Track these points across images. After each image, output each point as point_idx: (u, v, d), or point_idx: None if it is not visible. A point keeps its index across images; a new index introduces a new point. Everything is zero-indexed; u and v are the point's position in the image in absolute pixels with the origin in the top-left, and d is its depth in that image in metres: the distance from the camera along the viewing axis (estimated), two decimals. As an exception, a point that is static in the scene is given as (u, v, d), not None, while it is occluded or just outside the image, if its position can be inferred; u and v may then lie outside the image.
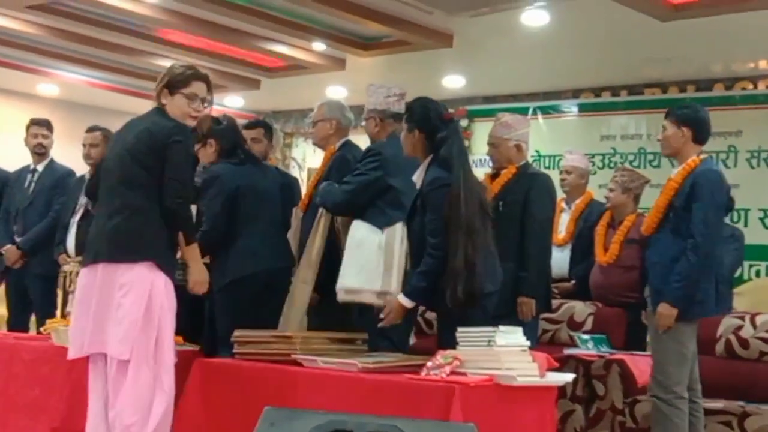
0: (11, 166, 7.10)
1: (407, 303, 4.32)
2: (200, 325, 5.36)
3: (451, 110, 4.68)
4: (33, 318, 6.67)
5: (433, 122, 4.42)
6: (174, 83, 4.28)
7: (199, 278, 4.36)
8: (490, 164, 5.45)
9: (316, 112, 5.48)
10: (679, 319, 4.60)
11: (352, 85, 9.10)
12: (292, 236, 5.38)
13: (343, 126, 5.43)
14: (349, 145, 5.40)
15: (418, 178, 4.45)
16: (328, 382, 3.90)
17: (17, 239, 6.64)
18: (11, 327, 6.54)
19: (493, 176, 5.29)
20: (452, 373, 3.73)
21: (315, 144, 5.63)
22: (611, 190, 6.18)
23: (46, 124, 6.89)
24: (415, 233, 4.44)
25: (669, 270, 4.61)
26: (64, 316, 5.15)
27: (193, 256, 4.29)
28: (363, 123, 5.26)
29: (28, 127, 6.87)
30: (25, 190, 6.72)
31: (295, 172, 11.07)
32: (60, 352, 4.76)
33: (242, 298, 4.95)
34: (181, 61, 9.16)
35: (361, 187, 4.83)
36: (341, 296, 4.70)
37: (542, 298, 5.11)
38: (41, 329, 5.20)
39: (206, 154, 5.33)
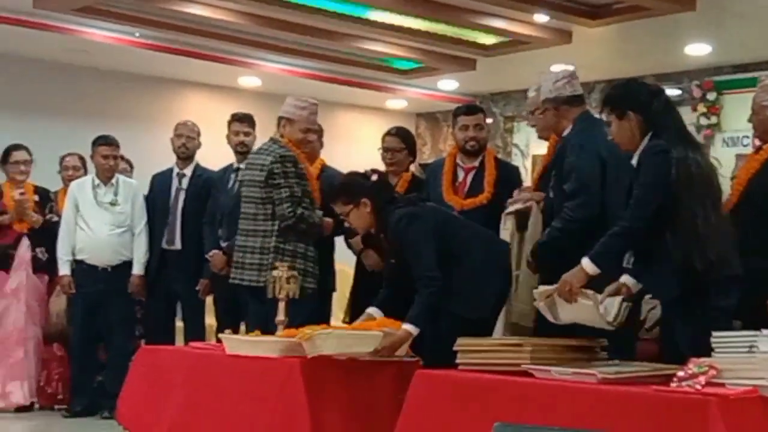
0: (216, 164, 7.44)
1: (591, 269, 4.25)
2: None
3: (696, 83, 4.60)
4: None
5: (642, 98, 4.38)
6: None
7: None
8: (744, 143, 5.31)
9: (535, 96, 5.46)
10: None
11: (579, 60, 8.98)
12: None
13: None
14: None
15: (636, 160, 4.39)
16: (563, 395, 3.87)
17: (223, 244, 6.94)
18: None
19: (757, 152, 5.12)
20: (708, 384, 3.64)
21: (541, 135, 5.61)
22: None
23: (248, 120, 7.14)
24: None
25: None
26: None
27: None
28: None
29: (229, 124, 7.15)
30: (229, 192, 7.00)
31: (517, 160, 11.05)
32: (273, 366, 4.97)
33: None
34: (389, 43, 9.40)
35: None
36: None
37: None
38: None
39: (360, 215, 5.25)
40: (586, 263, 4.27)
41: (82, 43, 9.01)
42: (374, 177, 5.30)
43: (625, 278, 4.29)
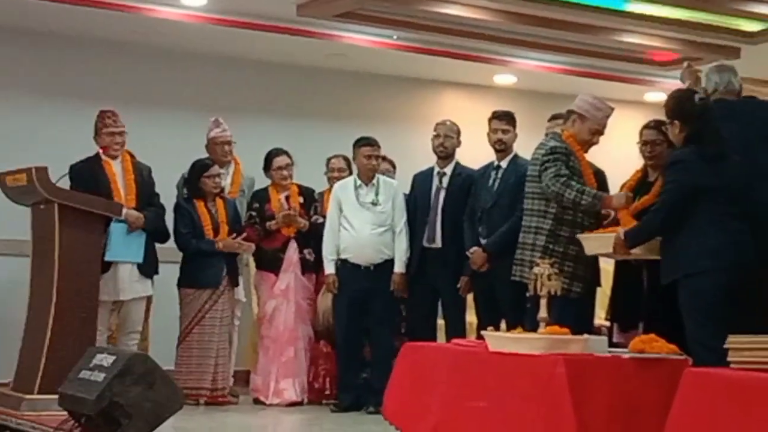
0: (473, 162, 7.50)
1: None
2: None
3: None
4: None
5: None
6: None
7: None
8: None
9: None
10: None
11: None
12: None
13: None
14: None
15: None
16: None
17: (483, 241, 6.98)
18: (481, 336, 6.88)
19: None
20: None
21: None
22: None
23: (508, 118, 7.16)
24: None
25: None
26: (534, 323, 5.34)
27: None
28: None
29: (489, 121, 7.20)
30: (489, 189, 7.05)
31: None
32: (536, 363, 4.94)
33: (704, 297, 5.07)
34: (647, 34, 9.19)
35: None
36: None
37: None
38: None
39: (673, 134, 5.43)
40: None
41: (341, 48, 9.25)
42: (698, 102, 5.39)
43: None
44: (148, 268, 7.48)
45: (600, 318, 7.17)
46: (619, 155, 7.29)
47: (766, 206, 5.33)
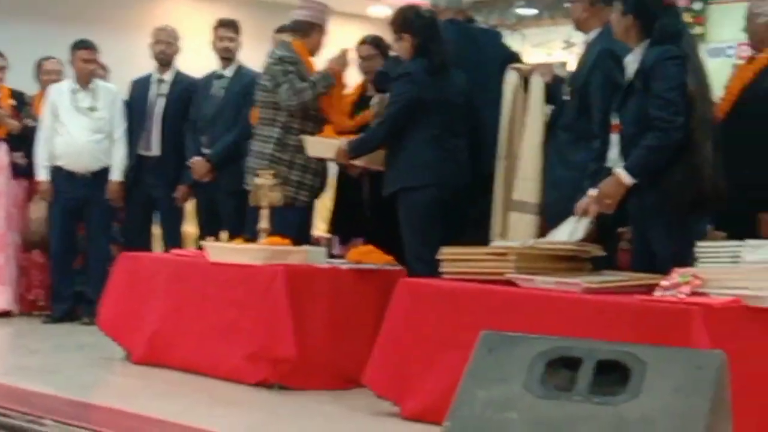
0: (198, 72, 7.37)
1: (628, 179, 4.23)
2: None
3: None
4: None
5: (650, 8, 4.33)
6: None
7: None
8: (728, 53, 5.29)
9: None
10: None
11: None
12: None
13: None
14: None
15: (632, 61, 4.37)
16: (547, 305, 3.90)
17: (205, 151, 6.90)
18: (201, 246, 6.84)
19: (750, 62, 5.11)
20: (692, 293, 3.67)
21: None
22: None
23: (233, 26, 7.06)
24: (630, 118, 4.32)
25: None
26: (255, 233, 5.36)
27: None
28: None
29: (215, 29, 7.07)
30: (213, 98, 6.95)
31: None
32: (256, 273, 4.98)
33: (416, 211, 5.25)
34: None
35: None
36: None
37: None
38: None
39: (403, 49, 5.48)
40: (623, 175, 4.23)
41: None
42: (427, 16, 5.46)
43: (620, 172, 4.25)
44: None
45: (320, 230, 7.26)
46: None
47: (487, 129, 5.49)
